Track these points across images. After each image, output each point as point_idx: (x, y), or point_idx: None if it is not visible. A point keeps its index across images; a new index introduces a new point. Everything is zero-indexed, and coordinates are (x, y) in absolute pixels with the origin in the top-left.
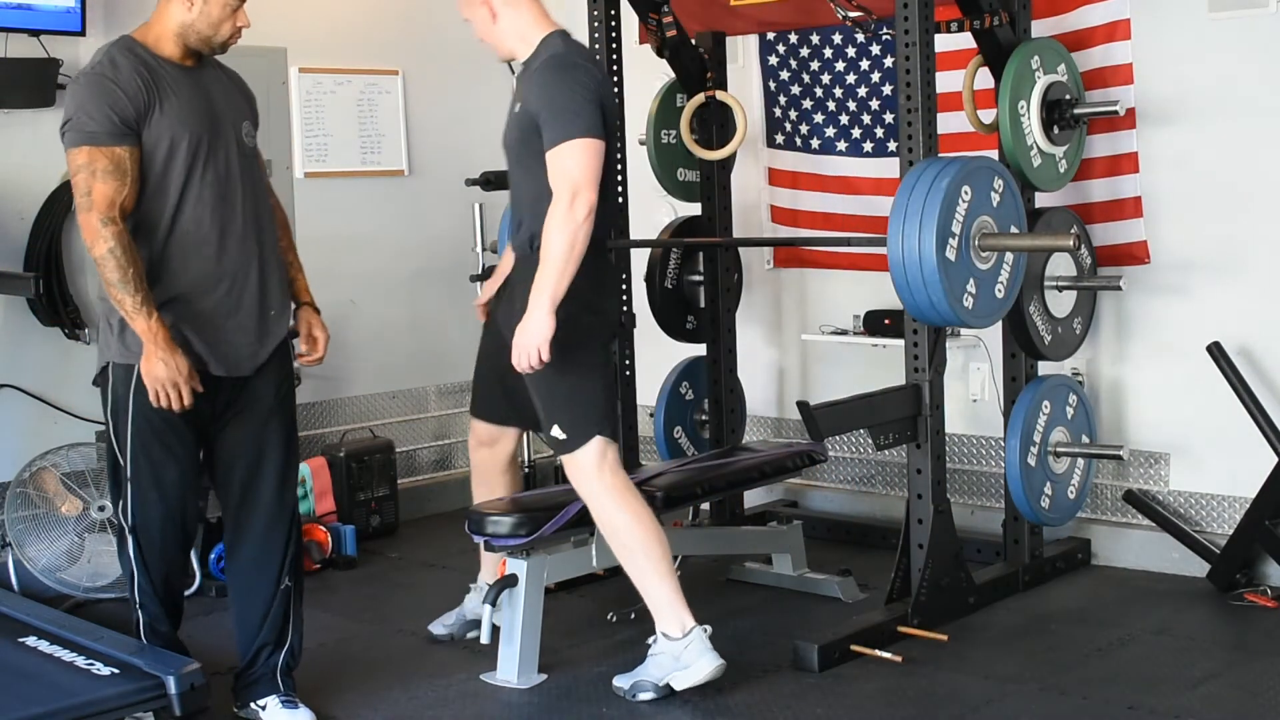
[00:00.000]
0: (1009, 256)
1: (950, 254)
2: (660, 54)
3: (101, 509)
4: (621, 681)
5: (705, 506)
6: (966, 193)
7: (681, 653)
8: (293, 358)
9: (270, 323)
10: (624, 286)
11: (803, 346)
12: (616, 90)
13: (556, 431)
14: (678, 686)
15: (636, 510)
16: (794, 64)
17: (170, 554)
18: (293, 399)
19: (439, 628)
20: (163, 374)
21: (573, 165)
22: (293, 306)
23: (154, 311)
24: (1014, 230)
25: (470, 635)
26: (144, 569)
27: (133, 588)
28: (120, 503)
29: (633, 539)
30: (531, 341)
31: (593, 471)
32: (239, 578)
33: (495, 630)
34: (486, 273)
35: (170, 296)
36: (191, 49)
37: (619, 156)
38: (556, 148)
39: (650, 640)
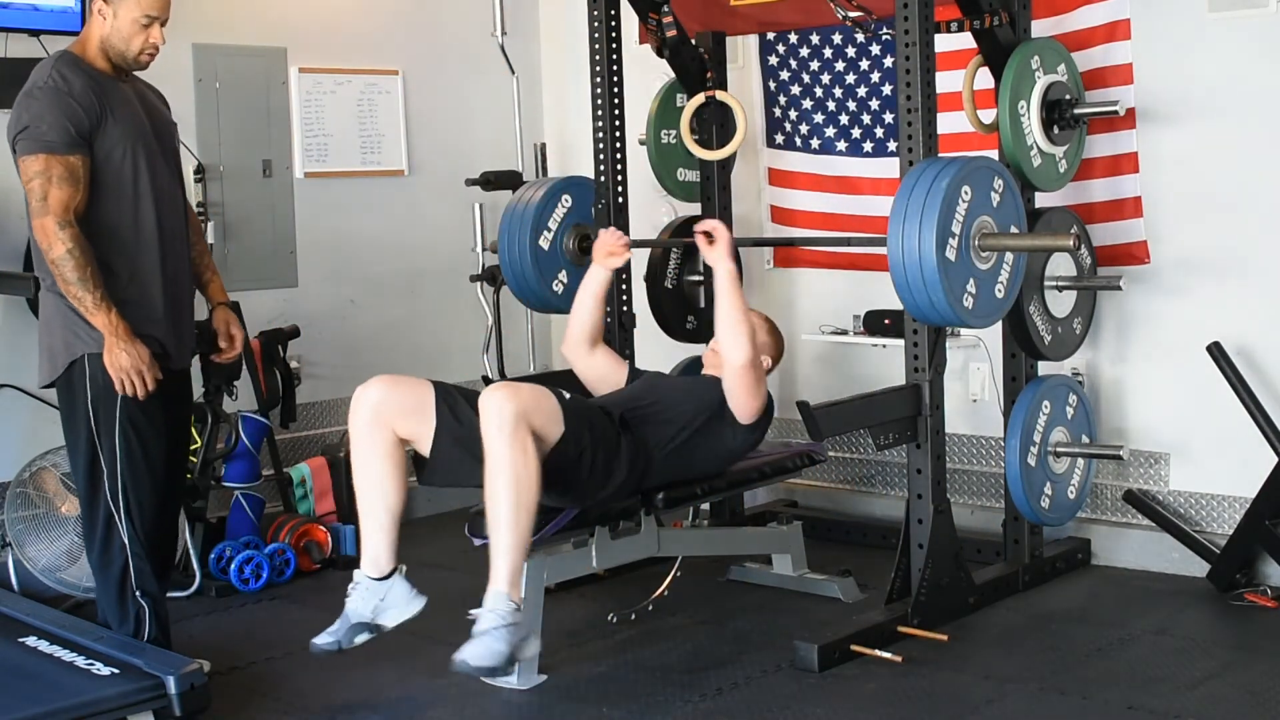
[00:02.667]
0: (1009, 256)
1: (950, 254)
2: (660, 54)
3: None
4: (482, 659)
5: (705, 506)
6: (966, 193)
7: (523, 621)
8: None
9: (192, 319)
10: (624, 286)
11: (803, 346)
12: (616, 90)
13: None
14: (525, 656)
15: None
16: (794, 64)
17: (159, 534)
18: None
19: (325, 639)
20: (126, 363)
21: None
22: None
23: (112, 306)
24: (1014, 230)
25: (359, 639)
26: (140, 550)
27: (125, 580)
28: (109, 490)
29: (532, 494)
30: None
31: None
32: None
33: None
34: (486, 273)
35: (135, 295)
36: (113, 63)
37: (619, 157)
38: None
39: (479, 611)
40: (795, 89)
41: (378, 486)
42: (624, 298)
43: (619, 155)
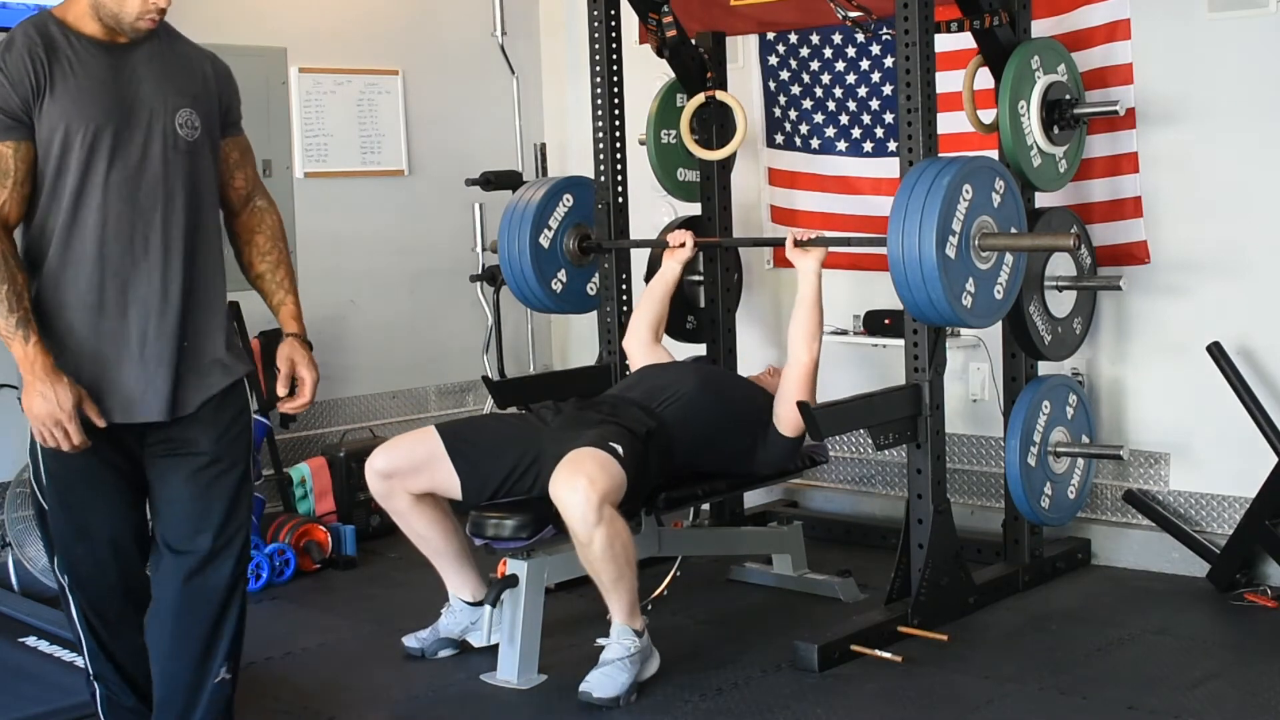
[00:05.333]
0: (1009, 256)
1: (950, 254)
2: (660, 54)
3: None
4: (604, 691)
5: (705, 507)
6: (966, 192)
7: (646, 646)
8: (249, 401)
9: (190, 357)
10: (624, 286)
11: None
12: (616, 90)
13: (616, 448)
14: (647, 676)
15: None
16: (794, 64)
17: (115, 614)
18: (244, 450)
19: (413, 641)
20: (40, 410)
21: None
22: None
23: (33, 334)
24: (1014, 230)
25: (443, 653)
26: (90, 631)
27: (83, 656)
28: (53, 558)
29: (631, 551)
30: None
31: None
32: (158, 662)
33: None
34: (486, 273)
35: (63, 322)
36: (109, 26)
37: (619, 157)
38: None
39: (606, 641)
40: (795, 89)
41: (424, 541)
42: (624, 298)
43: (619, 155)
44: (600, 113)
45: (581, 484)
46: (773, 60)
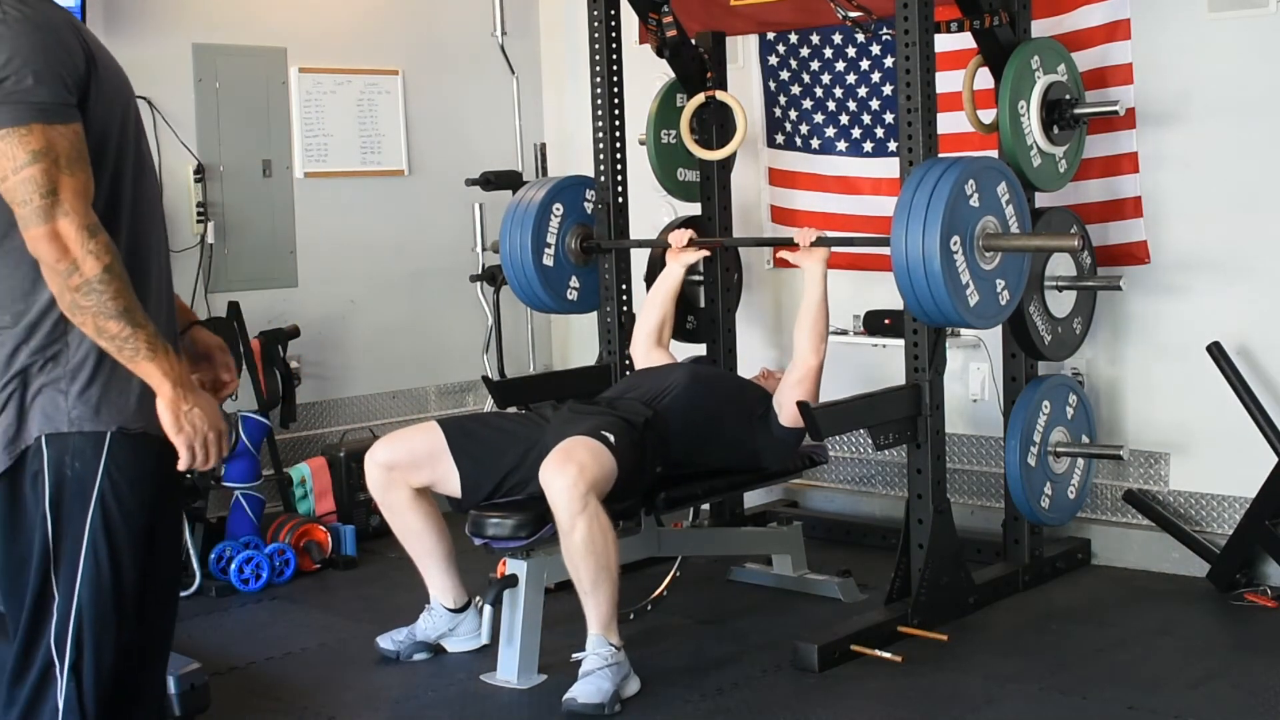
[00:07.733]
0: (1013, 257)
1: (954, 254)
2: (660, 54)
3: None
4: (589, 698)
5: (705, 507)
6: (970, 193)
7: (624, 660)
8: None
9: None
10: (624, 286)
11: None
12: (616, 90)
13: (608, 436)
14: (627, 694)
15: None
16: (794, 64)
17: (120, 699)
18: None
19: (387, 643)
20: (204, 423)
21: None
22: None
23: (167, 343)
24: (1017, 231)
25: (418, 657)
26: None
27: None
28: (56, 630)
29: (613, 550)
30: None
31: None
32: None
33: (495, 629)
34: (486, 273)
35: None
36: None
37: (619, 157)
38: None
39: (584, 655)
40: (795, 89)
41: (416, 538)
42: (624, 298)
43: (619, 155)
44: (600, 113)
45: (572, 470)
46: (773, 60)
